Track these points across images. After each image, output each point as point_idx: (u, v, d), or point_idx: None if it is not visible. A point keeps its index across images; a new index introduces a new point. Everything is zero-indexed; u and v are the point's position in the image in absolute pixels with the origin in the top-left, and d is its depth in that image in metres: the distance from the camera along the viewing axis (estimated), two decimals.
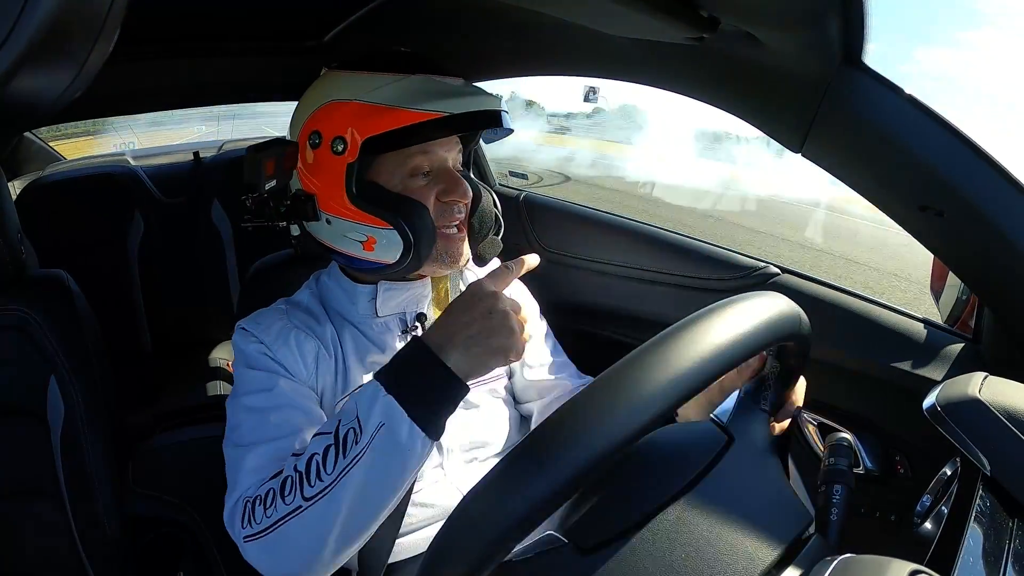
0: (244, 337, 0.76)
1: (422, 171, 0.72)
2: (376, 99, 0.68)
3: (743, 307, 0.41)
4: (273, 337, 0.74)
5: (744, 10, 0.62)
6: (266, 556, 0.61)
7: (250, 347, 0.74)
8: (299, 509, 0.58)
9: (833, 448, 0.55)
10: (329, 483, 0.57)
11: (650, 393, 0.35)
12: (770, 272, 1.04)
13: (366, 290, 0.78)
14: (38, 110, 0.31)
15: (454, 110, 0.67)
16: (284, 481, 0.60)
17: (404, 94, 0.68)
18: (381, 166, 0.72)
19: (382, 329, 0.79)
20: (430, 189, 0.72)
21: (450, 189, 0.72)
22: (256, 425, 0.69)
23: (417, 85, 0.69)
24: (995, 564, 0.44)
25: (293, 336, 0.74)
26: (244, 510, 0.63)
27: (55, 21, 0.24)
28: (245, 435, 0.69)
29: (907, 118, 0.65)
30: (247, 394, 0.72)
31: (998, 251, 0.66)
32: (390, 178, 0.72)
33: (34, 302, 0.95)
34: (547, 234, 1.34)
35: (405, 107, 0.67)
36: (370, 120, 0.67)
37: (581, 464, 0.33)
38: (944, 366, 0.83)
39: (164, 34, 1.05)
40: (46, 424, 0.95)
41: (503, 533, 0.33)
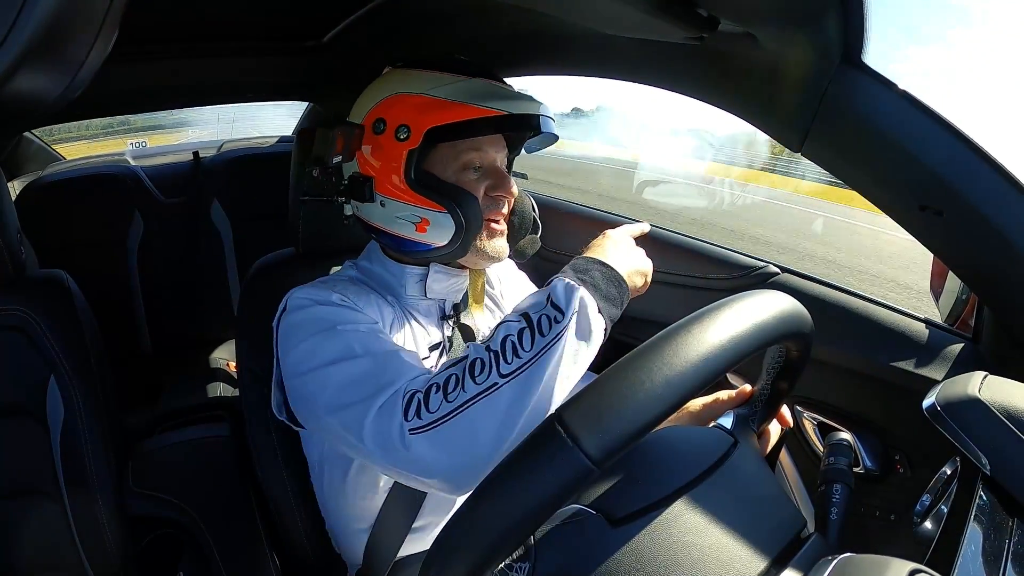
0: (315, 290, 0.75)
1: (473, 166, 0.77)
2: (441, 94, 0.73)
3: (751, 303, 0.42)
4: (354, 293, 0.75)
5: (743, 10, 0.62)
6: (443, 447, 0.57)
7: (330, 296, 0.73)
8: (494, 387, 0.57)
9: (833, 447, 0.55)
10: (528, 359, 0.57)
11: (660, 385, 0.35)
12: (770, 271, 1.04)
13: (417, 271, 0.81)
14: (38, 109, 0.31)
15: (512, 110, 0.73)
16: (472, 363, 0.59)
17: (466, 93, 0.73)
18: (436, 157, 0.76)
19: (426, 311, 0.82)
20: (479, 183, 0.77)
21: (498, 184, 0.77)
22: (374, 340, 0.68)
23: (478, 86, 0.74)
24: (995, 563, 0.44)
25: (373, 297, 0.77)
26: (409, 401, 0.59)
27: (54, 21, 0.24)
28: (367, 346, 0.67)
29: (907, 117, 0.65)
30: (342, 323, 0.70)
31: (998, 251, 0.66)
32: (444, 169, 0.76)
33: (34, 302, 0.95)
34: (547, 233, 1.33)
35: (468, 103, 0.72)
36: (434, 112, 0.73)
37: (581, 466, 0.33)
38: (944, 366, 0.83)
39: (164, 34, 1.05)
40: (46, 424, 0.95)
41: (505, 532, 0.33)
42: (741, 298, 0.42)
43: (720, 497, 0.44)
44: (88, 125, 4.26)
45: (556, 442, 0.33)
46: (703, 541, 0.40)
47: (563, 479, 0.33)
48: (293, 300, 0.75)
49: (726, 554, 0.40)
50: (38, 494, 0.95)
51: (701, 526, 0.41)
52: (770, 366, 0.57)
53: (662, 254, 1.16)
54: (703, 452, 0.48)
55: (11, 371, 0.94)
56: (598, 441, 0.33)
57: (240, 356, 0.95)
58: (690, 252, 1.13)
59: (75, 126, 3.67)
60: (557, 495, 0.33)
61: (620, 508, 0.41)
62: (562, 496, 0.33)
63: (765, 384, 0.58)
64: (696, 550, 0.40)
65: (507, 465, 0.35)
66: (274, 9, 1.04)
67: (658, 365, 0.36)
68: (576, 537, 0.40)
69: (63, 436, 0.95)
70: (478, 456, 0.56)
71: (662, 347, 0.37)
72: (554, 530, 0.40)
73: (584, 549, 0.40)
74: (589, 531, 0.40)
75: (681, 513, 0.41)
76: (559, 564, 0.40)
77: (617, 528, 0.40)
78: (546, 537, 0.40)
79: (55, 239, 1.74)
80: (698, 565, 0.39)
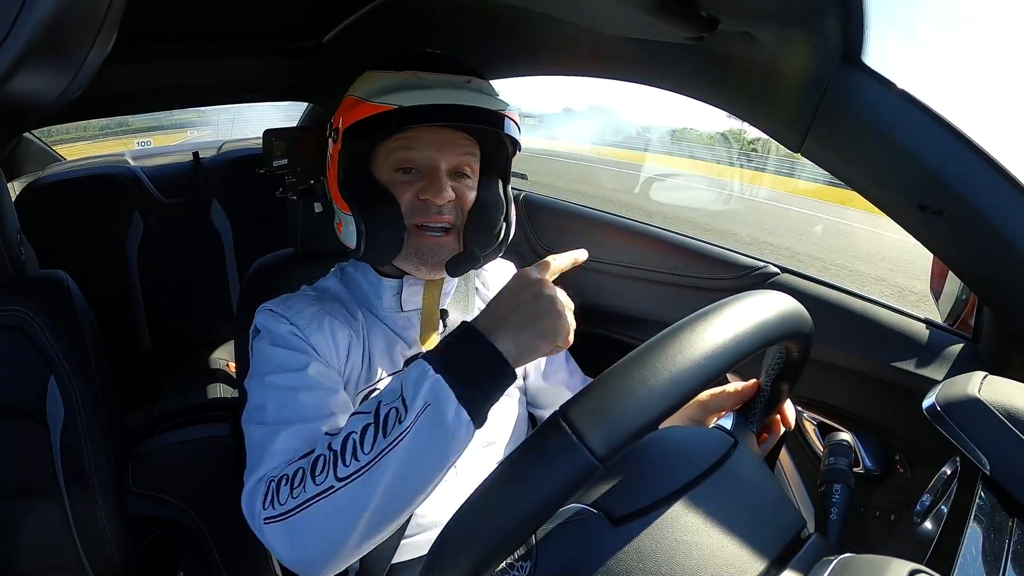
0: (273, 318, 0.74)
1: (404, 166, 0.74)
2: (359, 93, 0.72)
3: (754, 302, 0.42)
4: (306, 320, 0.73)
5: (743, 10, 0.62)
6: (287, 540, 0.57)
7: (280, 327, 0.73)
8: (330, 490, 0.54)
9: (833, 448, 0.55)
10: (366, 463, 0.53)
11: (664, 383, 0.35)
12: (770, 272, 1.04)
13: (392, 284, 0.79)
14: (37, 110, 0.31)
15: (405, 103, 0.68)
16: (316, 460, 0.57)
17: (380, 89, 0.71)
18: (375, 159, 0.76)
19: (406, 324, 0.80)
20: (410, 185, 0.74)
21: (426, 187, 0.73)
22: (285, 403, 0.66)
23: (400, 81, 0.71)
24: (995, 563, 0.44)
25: (327, 322, 0.74)
26: (267, 490, 0.59)
27: (53, 21, 0.24)
28: (272, 413, 0.66)
29: (907, 117, 0.65)
30: (274, 372, 0.69)
31: (998, 250, 0.66)
32: (380, 171, 0.75)
33: (34, 302, 0.95)
34: (546, 234, 1.34)
35: (368, 100, 0.70)
36: (349, 112, 0.72)
37: (586, 462, 0.33)
38: (943, 366, 0.82)
39: (164, 35, 1.05)
40: (46, 424, 0.95)
41: (508, 530, 0.33)
42: (744, 297, 0.42)
43: (720, 497, 0.44)
44: (86, 126, 4.26)
45: (562, 439, 0.33)
46: (703, 540, 0.40)
47: (568, 476, 0.33)
48: (257, 321, 0.75)
49: (726, 553, 0.40)
50: (38, 494, 0.95)
51: (701, 526, 0.41)
52: (770, 367, 0.57)
53: (661, 253, 1.16)
54: (703, 452, 0.48)
55: (11, 371, 0.94)
56: (603, 438, 0.33)
57: (239, 356, 0.95)
58: (690, 252, 1.13)
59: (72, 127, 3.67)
60: (562, 492, 0.33)
61: (621, 507, 0.41)
62: (567, 493, 0.33)
63: (765, 385, 0.58)
64: (696, 549, 0.40)
65: (512, 462, 0.35)
66: (274, 10, 1.04)
67: (662, 363, 0.36)
68: (577, 536, 0.40)
69: (63, 436, 0.95)
70: (321, 553, 0.56)
71: (666, 345, 0.37)
72: (555, 529, 0.41)
73: (585, 548, 0.40)
74: (590, 530, 0.41)
75: (681, 513, 0.42)
76: (560, 563, 0.40)
77: (618, 527, 0.40)
78: (547, 536, 0.40)
79: (55, 239, 1.74)
80: (698, 564, 0.39)
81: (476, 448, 0.80)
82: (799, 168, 9.79)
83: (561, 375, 0.93)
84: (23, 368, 0.94)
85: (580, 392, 0.36)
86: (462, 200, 0.76)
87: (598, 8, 0.69)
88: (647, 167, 11.15)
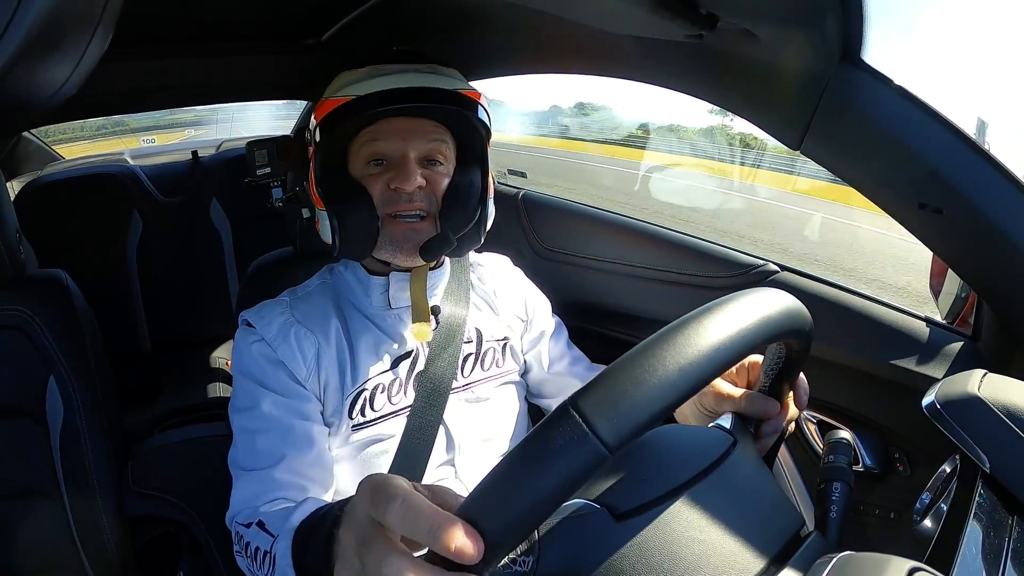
0: (246, 334, 0.78)
1: (376, 159, 0.76)
2: (327, 93, 0.77)
3: (760, 297, 0.42)
4: (274, 333, 0.76)
5: (743, 7, 0.62)
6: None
7: (251, 347, 0.76)
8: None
9: (832, 446, 0.55)
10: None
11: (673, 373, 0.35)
12: (769, 270, 1.04)
13: (380, 282, 0.80)
14: (34, 107, 0.31)
15: (361, 92, 0.72)
16: (247, 548, 0.64)
17: (342, 85, 0.74)
18: (349, 156, 0.78)
19: (395, 320, 0.80)
20: (381, 177, 0.76)
21: (394, 176, 0.75)
22: (245, 449, 0.73)
23: (360, 75, 0.74)
24: (995, 561, 0.44)
25: (293, 332, 0.76)
26: (235, 530, 0.68)
27: (51, 17, 0.24)
28: (237, 456, 0.74)
29: (906, 115, 0.65)
30: (236, 411, 0.76)
31: (997, 249, 0.66)
32: (354, 167, 0.77)
33: (33, 302, 0.95)
34: (545, 232, 1.34)
35: (329, 96, 0.75)
36: (318, 111, 0.75)
37: (596, 452, 0.33)
38: (943, 364, 0.83)
39: (163, 33, 1.05)
40: (45, 424, 0.95)
41: (515, 521, 0.33)
42: (751, 292, 0.43)
43: (720, 495, 0.44)
44: (83, 126, 4.25)
45: (572, 428, 0.33)
46: (705, 537, 0.41)
47: (578, 465, 0.33)
48: (238, 330, 0.79)
49: (727, 550, 0.40)
50: (38, 494, 0.95)
51: (702, 523, 0.41)
52: (769, 366, 0.57)
53: (660, 252, 1.16)
54: (703, 451, 0.48)
55: (11, 371, 0.94)
56: (613, 427, 0.33)
57: None
58: (689, 250, 1.13)
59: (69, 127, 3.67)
60: (571, 482, 0.33)
61: (624, 503, 0.41)
62: (576, 483, 0.33)
63: (764, 384, 0.58)
64: (699, 545, 0.40)
65: (521, 451, 0.34)
66: (273, 8, 1.04)
67: (671, 353, 0.36)
68: (580, 531, 0.40)
69: (63, 436, 0.95)
70: None
71: (674, 336, 0.37)
72: (558, 524, 0.41)
73: (588, 543, 0.40)
74: (593, 525, 0.41)
75: (683, 509, 0.42)
76: (564, 557, 0.40)
77: (621, 522, 0.40)
78: (550, 531, 0.40)
79: (54, 239, 1.74)
80: (700, 560, 0.39)
81: (475, 444, 0.81)
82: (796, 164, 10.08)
83: (564, 362, 0.94)
84: (22, 368, 0.94)
85: (590, 382, 0.36)
86: (434, 186, 0.77)
87: (598, 6, 0.68)
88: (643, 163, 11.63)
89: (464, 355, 0.83)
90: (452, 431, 0.79)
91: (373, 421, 0.76)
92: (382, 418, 0.77)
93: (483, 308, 0.89)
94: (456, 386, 0.81)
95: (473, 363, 0.84)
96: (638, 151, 12.72)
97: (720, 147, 11.45)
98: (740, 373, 0.63)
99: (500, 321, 0.89)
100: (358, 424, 0.75)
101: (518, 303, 0.92)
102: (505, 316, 0.90)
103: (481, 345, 0.85)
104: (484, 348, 0.85)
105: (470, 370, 0.83)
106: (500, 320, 0.89)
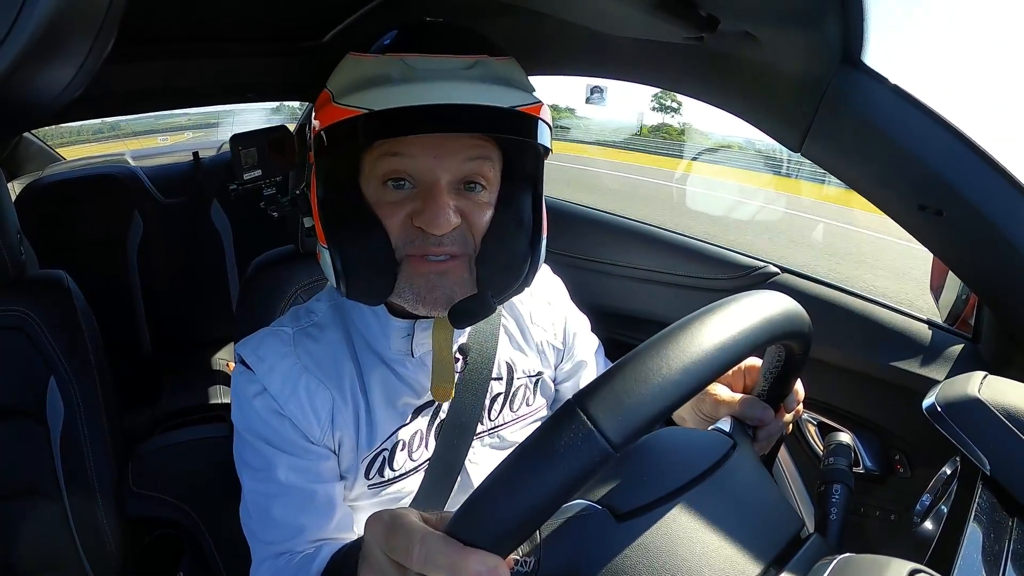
0: (245, 382, 0.64)
1: (395, 178, 0.57)
2: (332, 86, 0.57)
3: (761, 299, 0.43)
4: (280, 383, 0.63)
5: (743, 10, 0.62)
6: None
7: (253, 402, 0.63)
8: None
9: (833, 448, 0.55)
10: None
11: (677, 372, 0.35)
12: (770, 271, 1.04)
13: (402, 326, 0.65)
14: (37, 109, 0.31)
15: (377, 105, 0.52)
16: None
17: (352, 83, 0.55)
18: (362, 168, 0.59)
19: (417, 367, 0.66)
20: (402, 206, 0.57)
21: (420, 211, 0.56)
22: (260, 518, 0.64)
23: (377, 70, 0.55)
24: (995, 563, 0.44)
25: (303, 383, 0.63)
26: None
27: (54, 20, 0.24)
28: (252, 524, 0.65)
29: (906, 117, 0.65)
30: (248, 467, 0.65)
31: (997, 250, 0.66)
32: (367, 185, 0.59)
33: (34, 302, 0.95)
34: (547, 233, 1.33)
35: (337, 100, 0.55)
36: (320, 113, 0.57)
37: (601, 450, 0.33)
38: (944, 366, 0.83)
39: (163, 34, 1.05)
40: (46, 424, 0.95)
41: (519, 520, 0.33)
42: (753, 294, 0.43)
43: (721, 497, 0.44)
44: (80, 130, 4.26)
45: (577, 426, 0.33)
46: (705, 538, 0.41)
47: (583, 463, 0.33)
48: (232, 374, 0.67)
49: (728, 551, 0.41)
50: (38, 494, 0.95)
51: (703, 524, 0.41)
52: (768, 369, 0.57)
53: (661, 254, 1.16)
54: (703, 453, 0.48)
55: (11, 371, 0.94)
56: (618, 425, 0.33)
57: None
58: (690, 252, 1.13)
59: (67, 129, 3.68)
60: (576, 480, 0.33)
61: (625, 504, 0.42)
62: (581, 481, 0.33)
63: (763, 387, 0.58)
64: (699, 546, 0.40)
65: (525, 450, 0.34)
66: (273, 9, 1.04)
67: (675, 353, 0.36)
68: (582, 531, 0.41)
69: (63, 436, 0.95)
70: None
71: (677, 336, 0.37)
72: (560, 525, 0.41)
73: (590, 543, 0.40)
74: (595, 526, 0.41)
75: (684, 511, 0.42)
76: (565, 558, 0.40)
77: (622, 523, 0.41)
78: (552, 532, 0.41)
79: (55, 239, 1.74)
80: (701, 561, 0.39)
81: (492, 456, 0.74)
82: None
83: (589, 355, 0.81)
84: (23, 368, 0.94)
85: (594, 381, 0.36)
86: (471, 223, 0.59)
87: (598, 8, 0.69)
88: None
89: (492, 395, 0.71)
90: (473, 478, 0.70)
91: (392, 480, 0.68)
92: (402, 476, 0.68)
93: (515, 335, 0.75)
94: (481, 430, 0.70)
95: (502, 404, 0.72)
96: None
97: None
98: (736, 377, 0.62)
99: (534, 351, 0.76)
100: (376, 483, 0.67)
101: (557, 327, 0.78)
102: (540, 344, 0.76)
103: (512, 384, 0.73)
104: (515, 387, 0.73)
105: (498, 412, 0.72)
106: (533, 350, 0.76)
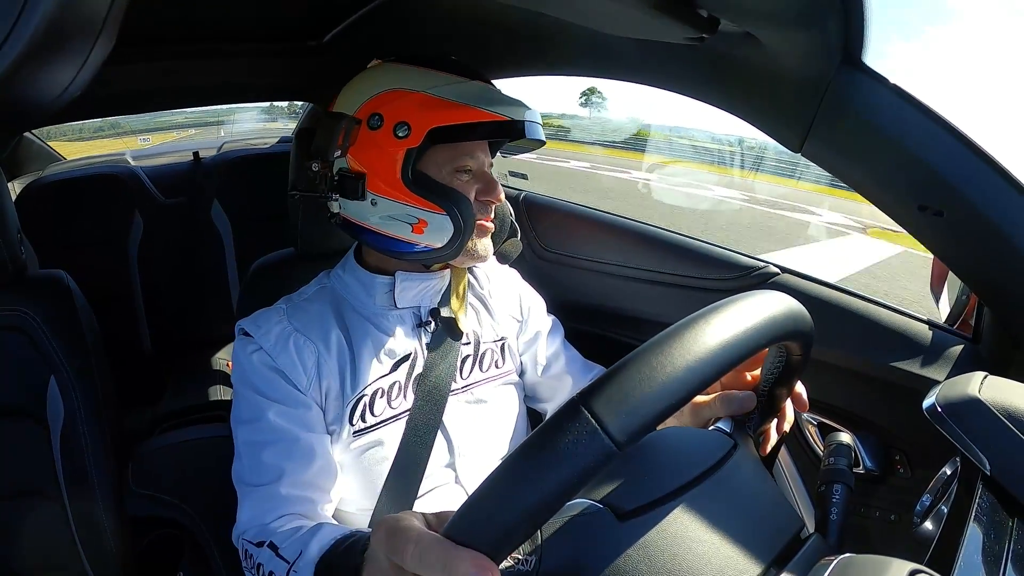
0: (244, 345, 0.77)
1: (465, 169, 0.77)
2: (443, 94, 0.73)
3: (764, 299, 0.43)
4: (273, 342, 0.76)
5: (744, 10, 0.62)
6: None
7: (250, 358, 0.76)
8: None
9: (833, 448, 0.55)
10: None
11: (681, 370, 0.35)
12: (770, 272, 1.04)
13: (385, 281, 0.81)
14: (38, 109, 0.31)
15: (514, 116, 0.74)
16: (260, 568, 0.65)
17: (467, 95, 0.74)
18: (432, 158, 0.75)
19: (396, 321, 0.81)
20: (471, 186, 0.77)
21: (488, 189, 0.78)
22: (251, 464, 0.73)
23: (475, 89, 0.75)
24: (995, 564, 0.44)
25: (292, 341, 0.76)
26: (243, 548, 0.69)
27: (55, 21, 0.24)
28: (242, 471, 0.74)
29: (907, 118, 0.65)
30: (241, 422, 0.75)
31: (998, 251, 0.66)
32: (438, 171, 0.76)
33: (34, 302, 0.95)
34: (547, 234, 1.34)
35: (471, 105, 0.73)
36: (438, 112, 0.72)
37: (606, 448, 0.33)
38: (944, 366, 0.83)
39: (164, 35, 1.06)
40: (46, 424, 0.95)
41: (522, 517, 0.33)
42: (756, 294, 0.43)
43: (722, 497, 0.44)
44: (82, 128, 4.26)
45: (581, 424, 0.33)
46: (706, 538, 0.41)
47: (587, 461, 0.33)
48: (236, 341, 0.79)
49: (728, 551, 0.41)
50: (38, 494, 0.95)
51: (704, 524, 0.42)
52: (769, 370, 0.57)
53: (661, 254, 1.16)
54: (704, 453, 0.48)
55: (11, 371, 0.94)
56: (622, 424, 0.33)
57: None
58: (690, 252, 1.13)
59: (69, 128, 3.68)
60: (580, 477, 0.33)
61: (626, 503, 0.42)
62: (584, 480, 0.33)
63: (764, 387, 0.58)
64: (700, 546, 0.40)
65: (529, 447, 0.34)
66: (274, 10, 1.04)
67: (679, 352, 0.36)
68: (584, 530, 0.41)
69: (63, 436, 0.95)
70: None
71: (681, 335, 0.37)
72: (561, 524, 0.41)
73: (591, 542, 0.40)
74: (596, 525, 0.41)
75: (685, 510, 0.42)
76: (566, 557, 0.40)
77: (623, 523, 0.41)
78: (554, 530, 0.41)
79: (55, 239, 1.74)
80: (701, 561, 0.39)
81: (475, 446, 0.81)
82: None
83: (561, 362, 0.94)
84: (23, 368, 0.94)
85: (598, 379, 0.36)
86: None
87: (599, 9, 0.69)
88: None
89: (463, 356, 0.83)
90: (452, 434, 0.79)
91: (374, 426, 0.76)
92: (382, 423, 0.77)
93: (480, 309, 0.90)
94: (455, 388, 0.81)
95: (472, 364, 0.84)
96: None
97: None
98: (736, 377, 0.62)
99: (496, 322, 0.90)
100: (359, 430, 0.75)
101: (513, 303, 0.94)
102: (501, 316, 0.91)
103: (479, 347, 0.86)
104: (482, 349, 0.86)
105: (469, 371, 0.84)
106: (496, 321, 0.90)
